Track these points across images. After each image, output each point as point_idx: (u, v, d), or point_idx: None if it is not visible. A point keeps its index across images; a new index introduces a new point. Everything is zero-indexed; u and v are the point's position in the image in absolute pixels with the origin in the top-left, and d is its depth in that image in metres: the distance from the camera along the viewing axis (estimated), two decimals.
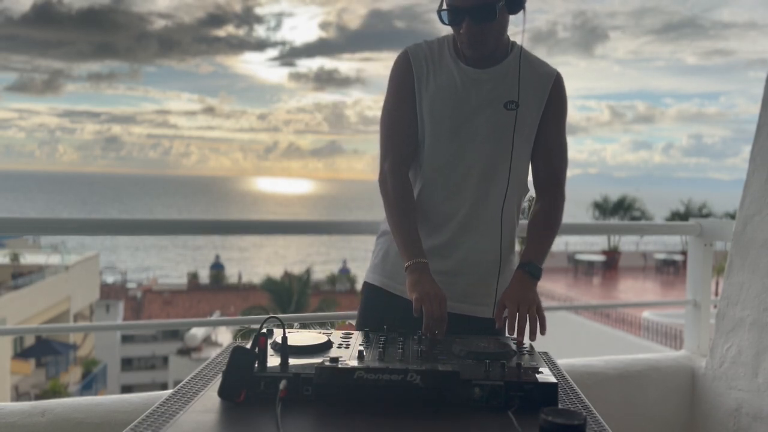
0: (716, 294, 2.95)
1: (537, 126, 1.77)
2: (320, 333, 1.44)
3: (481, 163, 1.73)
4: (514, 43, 1.78)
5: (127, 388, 26.52)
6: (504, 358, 1.29)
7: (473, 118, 1.72)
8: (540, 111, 1.76)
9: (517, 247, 1.88)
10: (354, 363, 1.19)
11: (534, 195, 1.87)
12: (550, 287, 20.35)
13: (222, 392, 1.14)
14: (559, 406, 1.17)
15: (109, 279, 38.17)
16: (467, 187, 1.73)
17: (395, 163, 1.75)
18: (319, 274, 36.76)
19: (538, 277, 1.67)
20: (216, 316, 25.61)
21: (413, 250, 1.64)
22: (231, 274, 40.55)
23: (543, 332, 1.54)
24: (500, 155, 1.72)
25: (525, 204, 1.90)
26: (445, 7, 1.65)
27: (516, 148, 1.73)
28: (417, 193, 1.77)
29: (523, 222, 1.89)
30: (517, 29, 1.75)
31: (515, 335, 1.52)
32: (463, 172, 1.73)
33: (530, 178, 1.86)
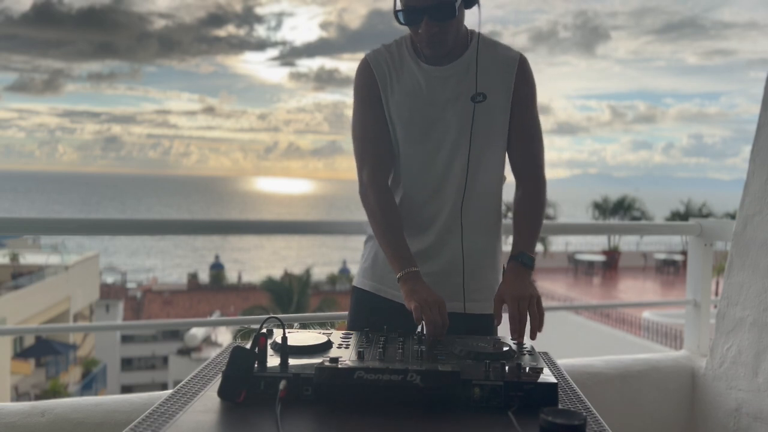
0: (716, 294, 2.95)
1: (508, 113, 1.73)
2: (320, 333, 1.44)
3: (456, 160, 1.71)
4: (472, 33, 1.74)
5: (127, 388, 26.52)
6: (504, 358, 1.29)
7: (442, 116, 1.70)
8: (509, 98, 1.72)
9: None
10: (354, 363, 1.19)
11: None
12: (550, 287, 20.34)
13: (222, 392, 1.14)
14: (559, 406, 1.17)
15: (109, 279, 38.16)
16: (446, 187, 1.72)
17: (373, 173, 1.73)
18: (319, 274, 36.76)
19: (531, 266, 1.64)
20: (216, 316, 25.60)
21: (403, 261, 1.62)
22: (231, 274, 40.54)
23: (540, 329, 1.52)
24: (474, 150, 1.70)
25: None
26: (400, 7, 1.61)
27: (488, 139, 1.71)
28: (399, 199, 1.75)
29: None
30: (473, 19, 1.70)
31: (516, 335, 1.49)
32: (440, 173, 1.72)
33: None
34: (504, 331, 1.61)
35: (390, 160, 1.76)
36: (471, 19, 1.70)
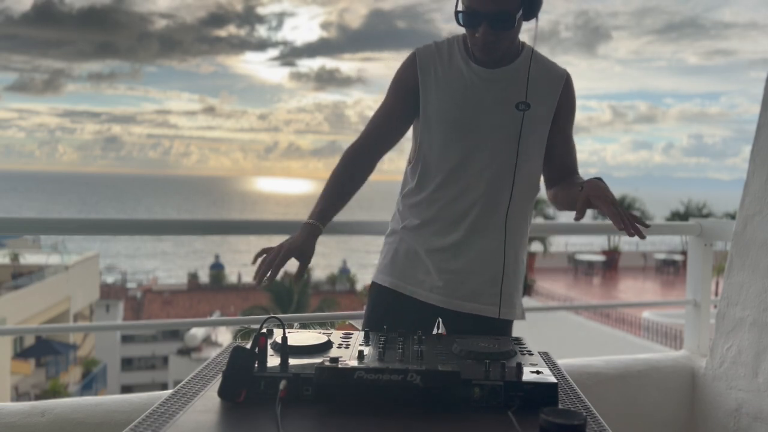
0: (716, 294, 2.95)
1: (549, 127, 1.76)
2: (320, 333, 1.44)
3: (492, 163, 1.72)
4: (524, 44, 1.78)
5: (127, 388, 26.53)
6: (504, 358, 1.30)
7: (484, 118, 1.72)
8: (552, 112, 1.76)
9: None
10: (354, 363, 1.19)
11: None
12: (550, 287, 20.36)
13: (222, 392, 1.14)
14: (559, 406, 1.17)
15: (109, 279, 38.17)
16: (478, 188, 1.73)
17: (359, 146, 1.82)
18: (319, 274, 36.77)
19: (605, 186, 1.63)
20: (216, 316, 25.60)
21: (311, 214, 1.76)
22: (231, 274, 40.54)
23: (644, 225, 1.54)
24: (511, 156, 1.72)
25: None
26: (461, 8, 1.63)
27: (526, 149, 1.73)
28: (429, 192, 1.76)
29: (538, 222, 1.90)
30: (527, 27, 1.73)
31: (628, 229, 1.51)
32: (475, 173, 1.73)
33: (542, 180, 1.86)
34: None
35: (382, 144, 1.81)
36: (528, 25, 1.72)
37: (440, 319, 1.73)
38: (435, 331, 1.76)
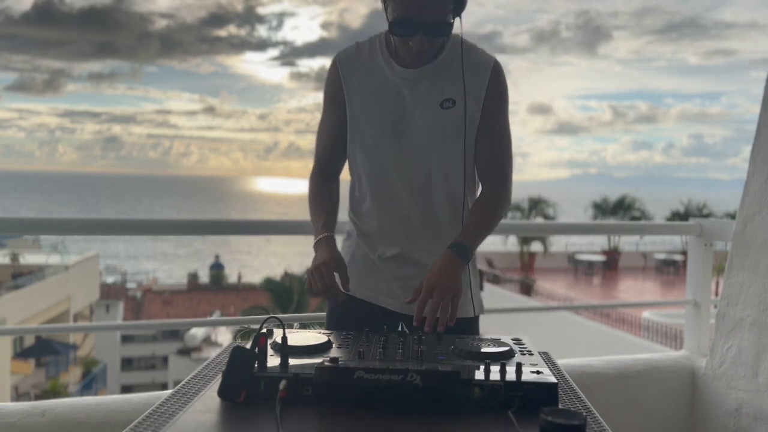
0: (716, 294, 2.94)
1: (478, 119, 1.69)
2: (320, 333, 1.44)
3: (422, 167, 1.68)
4: (449, 36, 1.69)
5: (127, 388, 26.53)
6: (504, 358, 1.29)
7: (411, 120, 1.67)
8: (480, 103, 1.68)
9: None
10: (354, 363, 1.19)
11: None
12: (550, 287, 20.35)
13: (222, 392, 1.14)
14: (559, 406, 1.17)
15: (109, 279, 38.18)
16: (412, 193, 1.70)
17: (318, 170, 1.82)
18: None
19: (465, 258, 1.60)
20: (216, 316, 25.60)
21: (316, 232, 1.70)
22: (231, 274, 40.53)
23: (452, 323, 1.48)
24: (441, 157, 1.68)
25: None
26: (392, 17, 1.55)
27: (458, 145, 1.68)
28: (368, 204, 1.74)
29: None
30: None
31: (417, 324, 1.47)
32: (407, 179, 1.69)
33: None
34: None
35: (337, 159, 1.80)
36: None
37: (402, 323, 1.63)
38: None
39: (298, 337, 1.36)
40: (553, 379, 1.17)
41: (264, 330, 1.21)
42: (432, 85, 1.67)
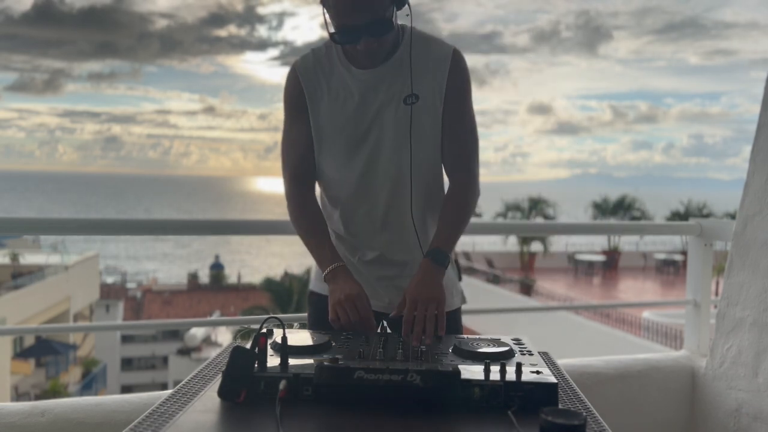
0: (716, 294, 2.94)
1: (440, 112, 1.67)
2: (320, 333, 1.43)
3: (391, 167, 1.67)
4: (403, 27, 1.67)
5: (127, 388, 26.53)
6: (504, 358, 1.29)
7: (375, 122, 1.66)
8: (442, 95, 1.66)
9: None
10: (354, 363, 1.19)
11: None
12: (550, 287, 20.35)
13: (222, 392, 1.14)
14: (559, 406, 1.17)
15: (109, 279, 38.18)
16: (388, 192, 1.68)
17: (292, 183, 1.73)
18: None
19: (444, 264, 1.59)
20: (216, 316, 25.60)
21: (325, 261, 1.62)
22: (231, 274, 40.54)
23: (441, 333, 1.47)
24: (413, 152, 1.66)
25: None
26: (333, 29, 1.55)
27: (426, 141, 1.67)
28: (340, 210, 1.73)
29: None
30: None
31: (406, 337, 1.45)
32: (377, 182, 1.68)
33: None
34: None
35: (310, 169, 1.73)
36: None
37: (384, 322, 1.63)
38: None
39: (298, 337, 1.36)
40: (553, 379, 1.17)
41: (264, 330, 1.21)
42: (393, 82, 1.65)
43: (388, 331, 1.58)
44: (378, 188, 1.69)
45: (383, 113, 1.66)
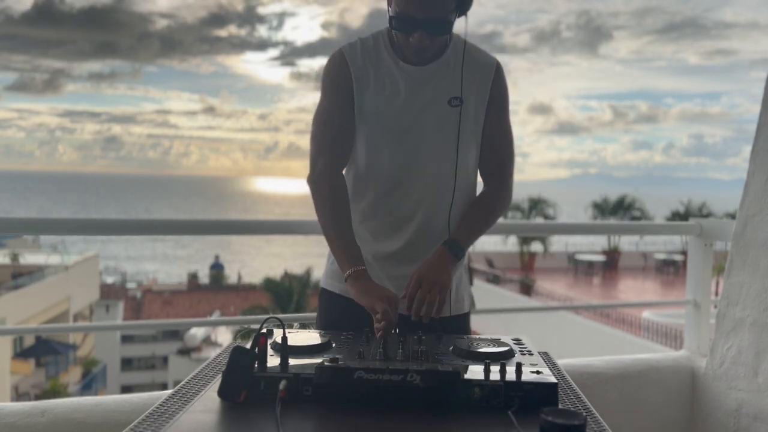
0: (716, 294, 2.94)
1: (482, 119, 1.71)
2: (320, 333, 1.44)
3: (431, 165, 1.68)
4: (452, 35, 1.70)
5: (127, 388, 26.51)
6: (504, 358, 1.29)
7: (419, 118, 1.67)
8: (484, 103, 1.71)
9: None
10: (354, 363, 1.19)
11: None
12: (550, 287, 20.35)
13: (222, 392, 1.14)
14: (559, 406, 1.17)
15: (109, 279, 38.16)
16: (419, 192, 1.69)
17: (331, 162, 1.69)
18: (319, 274, 36.57)
19: (458, 256, 1.61)
20: (216, 316, 25.61)
21: (353, 259, 1.59)
22: (231, 274, 40.54)
23: (438, 314, 1.50)
24: (450, 155, 1.68)
25: None
26: (396, 11, 1.55)
27: (464, 146, 1.69)
28: (370, 201, 1.72)
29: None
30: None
31: (407, 312, 1.50)
32: (415, 177, 1.68)
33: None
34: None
35: (348, 152, 1.72)
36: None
37: None
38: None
39: (298, 337, 1.36)
40: (553, 379, 1.17)
41: (264, 330, 1.21)
42: (439, 82, 1.68)
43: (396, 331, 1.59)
44: (413, 184, 1.70)
45: (427, 111, 1.68)
